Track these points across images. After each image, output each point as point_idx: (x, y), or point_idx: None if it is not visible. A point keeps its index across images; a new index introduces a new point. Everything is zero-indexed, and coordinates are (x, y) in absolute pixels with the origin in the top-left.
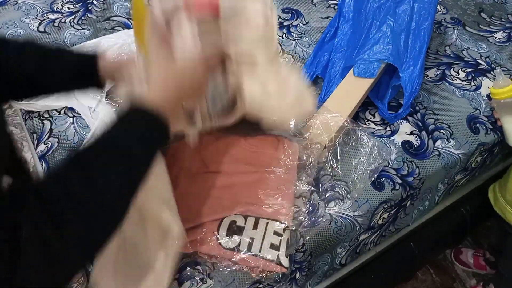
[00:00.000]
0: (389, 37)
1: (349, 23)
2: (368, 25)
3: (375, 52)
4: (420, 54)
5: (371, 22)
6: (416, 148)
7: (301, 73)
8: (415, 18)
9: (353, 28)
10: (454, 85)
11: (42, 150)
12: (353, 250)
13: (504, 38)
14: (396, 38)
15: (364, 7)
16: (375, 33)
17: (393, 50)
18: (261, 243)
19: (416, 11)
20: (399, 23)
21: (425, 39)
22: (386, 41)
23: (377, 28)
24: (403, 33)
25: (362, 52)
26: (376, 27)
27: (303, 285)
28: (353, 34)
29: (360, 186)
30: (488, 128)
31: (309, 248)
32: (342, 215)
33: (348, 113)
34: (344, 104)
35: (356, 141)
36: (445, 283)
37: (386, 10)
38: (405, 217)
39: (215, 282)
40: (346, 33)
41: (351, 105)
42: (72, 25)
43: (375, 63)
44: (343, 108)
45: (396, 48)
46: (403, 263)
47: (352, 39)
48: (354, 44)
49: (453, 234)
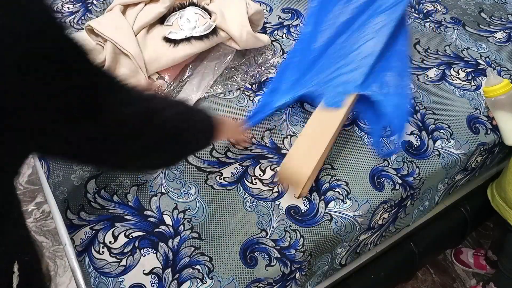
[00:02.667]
0: (359, 60)
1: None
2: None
3: (344, 81)
4: (403, 78)
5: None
6: (416, 148)
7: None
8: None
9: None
10: (454, 85)
11: None
12: (353, 250)
13: (504, 38)
14: (370, 61)
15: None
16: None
17: (366, 76)
18: None
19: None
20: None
21: (405, 60)
22: (355, 66)
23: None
24: (376, 54)
25: (327, 79)
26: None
27: (303, 285)
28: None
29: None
30: (488, 128)
31: (309, 248)
32: (342, 215)
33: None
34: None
35: (356, 141)
36: (445, 283)
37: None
38: (405, 217)
39: (215, 282)
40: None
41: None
42: (72, 25)
43: (342, 94)
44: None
45: (371, 73)
46: (403, 263)
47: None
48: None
49: (453, 234)
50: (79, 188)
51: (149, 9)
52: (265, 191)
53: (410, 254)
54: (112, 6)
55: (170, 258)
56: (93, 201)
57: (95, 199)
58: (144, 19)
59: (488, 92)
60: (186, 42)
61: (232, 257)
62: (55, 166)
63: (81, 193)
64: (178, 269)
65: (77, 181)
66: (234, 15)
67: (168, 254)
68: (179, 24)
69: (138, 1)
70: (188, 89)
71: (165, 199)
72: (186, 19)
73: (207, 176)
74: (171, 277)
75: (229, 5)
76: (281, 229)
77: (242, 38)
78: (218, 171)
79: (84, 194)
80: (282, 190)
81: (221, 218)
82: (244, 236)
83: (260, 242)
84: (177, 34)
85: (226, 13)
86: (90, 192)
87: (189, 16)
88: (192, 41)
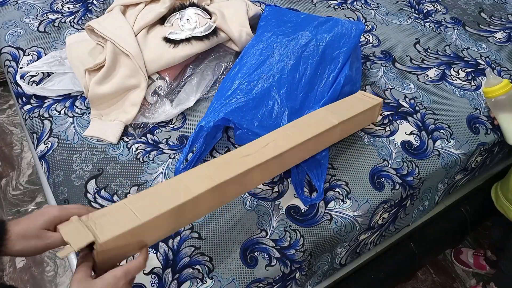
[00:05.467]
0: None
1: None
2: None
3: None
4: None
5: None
6: (415, 148)
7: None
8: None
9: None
10: (454, 85)
11: (42, 150)
12: (353, 250)
13: (504, 38)
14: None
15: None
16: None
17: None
18: None
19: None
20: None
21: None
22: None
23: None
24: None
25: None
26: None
27: (303, 285)
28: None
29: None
30: (488, 128)
31: (309, 248)
32: (342, 215)
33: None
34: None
35: (356, 141)
36: (445, 283)
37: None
38: (405, 217)
39: (215, 282)
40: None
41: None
42: (72, 25)
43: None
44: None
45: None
46: (403, 263)
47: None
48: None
49: (453, 234)
50: (79, 188)
51: (150, 9)
52: (265, 191)
53: (410, 254)
54: (112, 6)
55: (170, 258)
56: (93, 201)
57: (95, 199)
58: (144, 19)
59: (488, 92)
60: (186, 42)
61: (232, 257)
62: (55, 166)
63: (81, 193)
64: (178, 269)
65: (77, 181)
66: (234, 16)
67: (168, 254)
68: (179, 25)
69: (139, 1)
70: (188, 89)
71: None
72: (186, 20)
73: None
74: (171, 277)
75: (229, 5)
76: (281, 229)
77: (241, 39)
78: None
79: (84, 194)
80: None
81: (221, 218)
82: (244, 236)
83: (260, 242)
84: (177, 34)
85: (226, 13)
86: (90, 192)
87: (189, 17)
88: (192, 41)
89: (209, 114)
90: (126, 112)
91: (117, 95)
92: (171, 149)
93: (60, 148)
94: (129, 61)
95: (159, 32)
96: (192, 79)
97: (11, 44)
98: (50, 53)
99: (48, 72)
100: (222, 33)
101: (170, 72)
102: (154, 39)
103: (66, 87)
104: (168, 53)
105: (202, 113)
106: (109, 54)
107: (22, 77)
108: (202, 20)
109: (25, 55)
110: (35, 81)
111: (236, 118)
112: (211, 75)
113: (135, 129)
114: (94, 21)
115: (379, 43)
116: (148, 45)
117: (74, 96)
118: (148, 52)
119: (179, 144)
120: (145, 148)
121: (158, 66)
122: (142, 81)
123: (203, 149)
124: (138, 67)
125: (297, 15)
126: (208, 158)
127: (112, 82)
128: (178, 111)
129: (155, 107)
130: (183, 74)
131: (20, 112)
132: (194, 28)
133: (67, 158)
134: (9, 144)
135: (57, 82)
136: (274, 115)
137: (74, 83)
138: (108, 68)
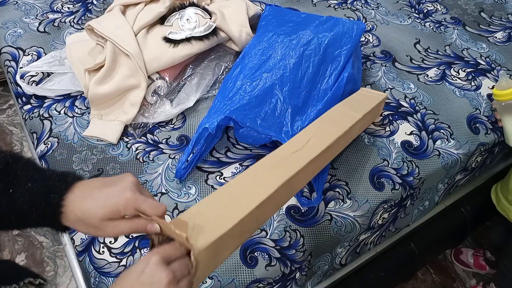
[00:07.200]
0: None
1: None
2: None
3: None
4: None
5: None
6: (416, 148)
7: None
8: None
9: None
10: (454, 85)
11: (42, 150)
12: (353, 250)
13: (504, 38)
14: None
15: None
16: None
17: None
18: None
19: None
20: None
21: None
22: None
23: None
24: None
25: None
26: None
27: (303, 285)
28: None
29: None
30: (488, 128)
31: (309, 248)
32: (342, 215)
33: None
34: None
35: (356, 141)
36: (445, 283)
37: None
38: (405, 217)
39: (215, 282)
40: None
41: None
42: (72, 25)
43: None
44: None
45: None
46: (403, 263)
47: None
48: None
49: (453, 234)
50: None
51: (149, 9)
52: None
53: (410, 254)
54: (112, 6)
55: None
56: None
57: None
58: (144, 19)
59: (500, 96)
60: (186, 42)
61: (232, 257)
62: (55, 166)
63: None
64: None
65: None
66: (234, 15)
67: None
68: (179, 24)
69: (138, 1)
70: (188, 89)
71: (165, 199)
72: (186, 19)
73: (207, 176)
74: None
75: (229, 5)
76: (281, 229)
77: (241, 39)
78: (218, 170)
79: None
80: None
81: None
82: None
83: (260, 242)
84: (177, 34)
85: (226, 13)
86: None
87: (189, 17)
88: (192, 41)
89: (213, 115)
90: (126, 112)
91: (117, 95)
92: (171, 149)
93: (60, 148)
94: (129, 61)
95: (159, 32)
96: (192, 79)
97: (11, 44)
98: (50, 53)
99: (48, 72)
100: (222, 33)
101: (170, 72)
102: (154, 39)
103: (66, 87)
104: (168, 53)
105: (202, 113)
106: (109, 54)
107: (22, 77)
108: (202, 20)
109: (25, 55)
110: (35, 81)
111: (239, 117)
112: (211, 75)
113: (135, 129)
114: (94, 21)
115: (379, 43)
116: (148, 45)
117: (74, 96)
118: (148, 52)
119: (179, 144)
120: (145, 148)
121: (158, 66)
122: (142, 81)
123: (204, 149)
124: (138, 67)
125: (297, 15)
126: (208, 158)
127: (112, 82)
128: (178, 111)
129: (155, 107)
130: (183, 74)
131: (20, 112)
132: (194, 28)
133: (67, 158)
134: (9, 144)
135: (57, 82)
136: (277, 113)
137: (74, 83)
138: (108, 68)
